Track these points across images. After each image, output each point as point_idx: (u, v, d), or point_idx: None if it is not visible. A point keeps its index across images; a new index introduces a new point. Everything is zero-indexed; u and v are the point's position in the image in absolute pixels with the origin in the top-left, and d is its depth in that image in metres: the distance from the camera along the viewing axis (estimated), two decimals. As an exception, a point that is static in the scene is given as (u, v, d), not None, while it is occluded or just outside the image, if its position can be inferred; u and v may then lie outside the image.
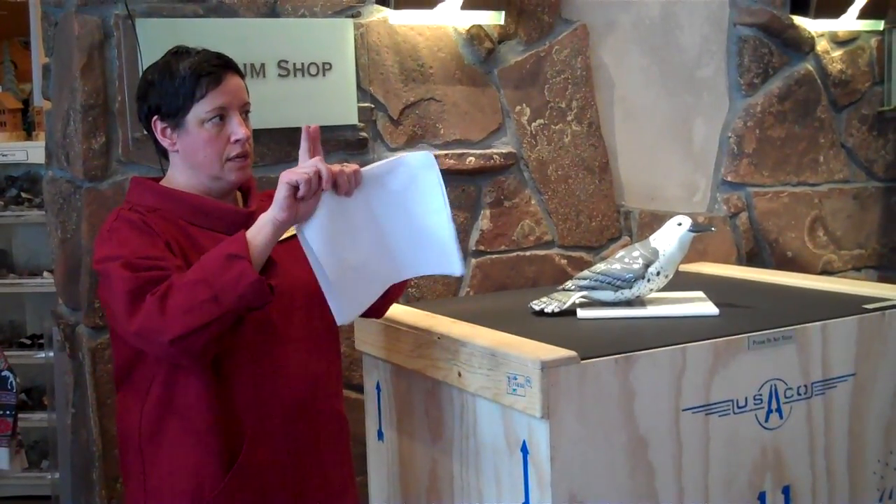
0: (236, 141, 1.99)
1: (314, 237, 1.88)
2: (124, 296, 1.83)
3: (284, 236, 2.08)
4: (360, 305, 2.02)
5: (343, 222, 1.90)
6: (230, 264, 1.80)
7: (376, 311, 2.18)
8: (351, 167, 1.90)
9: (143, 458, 2.00)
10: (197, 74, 1.95)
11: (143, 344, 1.87)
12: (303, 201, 1.84)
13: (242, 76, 2.05)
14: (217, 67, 1.97)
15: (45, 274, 4.30)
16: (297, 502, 2.06)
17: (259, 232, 1.86)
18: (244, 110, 2.03)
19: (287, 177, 1.83)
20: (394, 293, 2.15)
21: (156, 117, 2.00)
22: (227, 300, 1.79)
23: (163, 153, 2.08)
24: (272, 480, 2.01)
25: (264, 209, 2.07)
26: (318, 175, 1.85)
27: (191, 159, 2.00)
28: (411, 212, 1.97)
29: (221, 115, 1.98)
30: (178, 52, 2.01)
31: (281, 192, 1.83)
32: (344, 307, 1.94)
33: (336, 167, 1.88)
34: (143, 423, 1.98)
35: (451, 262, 1.97)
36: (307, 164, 1.86)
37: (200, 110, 1.96)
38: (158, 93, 1.98)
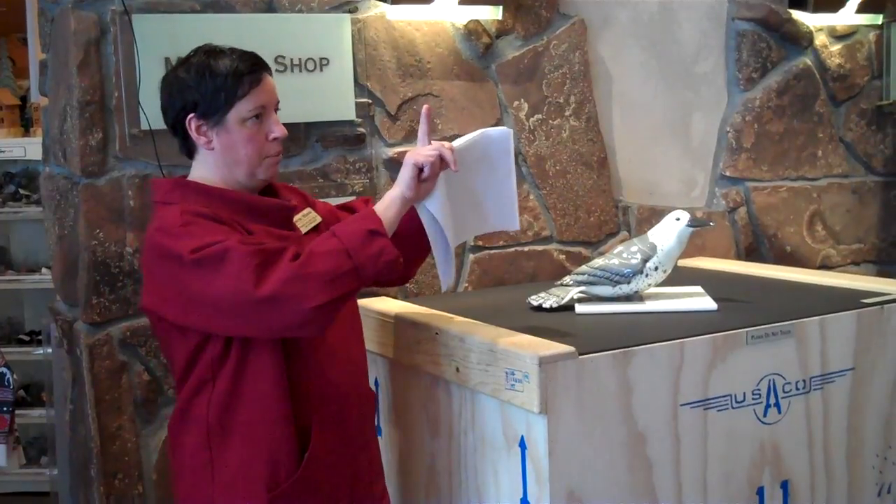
0: (274, 139, 2.04)
1: (437, 211, 2.08)
2: (251, 266, 1.84)
3: (305, 231, 2.11)
4: (453, 267, 2.21)
5: (446, 196, 2.10)
6: (371, 240, 1.92)
7: (404, 277, 2.30)
8: (449, 145, 2.08)
9: (210, 451, 2.01)
10: (239, 74, 1.98)
11: (271, 313, 1.86)
12: (425, 182, 2.04)
13: (272, 74, 2.08)
14: (256, 67, 2.02)
15: (44, 270, 4.30)
16: (353, 482, 2.11)
17: (388, 208, 2.02)
18: (277, 108, 2.08)
19: (413, 158, 2.03)
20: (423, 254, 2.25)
21: (191, 116, 2.00)
22: (366, 274, 1.92)
23: (188, 151, 2.07)
24: (335, 465, 2.06)
25: (299, 203, 2.17)
26: (441, 158, 2.03)
27: (230, 157, 2.02)
28: (484, 177, 2.21)
29: (261, 115, 2.01)
30: (212, 51, 2.02)
31: (407, 173, 2.03)
32: (451, 271, 2.16)
33: (447, 147, 2.06)
34: (211, 415, 1.99)
35: (512, 217, 2.25)
36: (430, 148, 2.06)
37: (242, 109, 1.99)
38: (197, 91, 1.98)
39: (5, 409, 2.63)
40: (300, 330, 1.91)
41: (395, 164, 2.93)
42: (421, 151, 2.04)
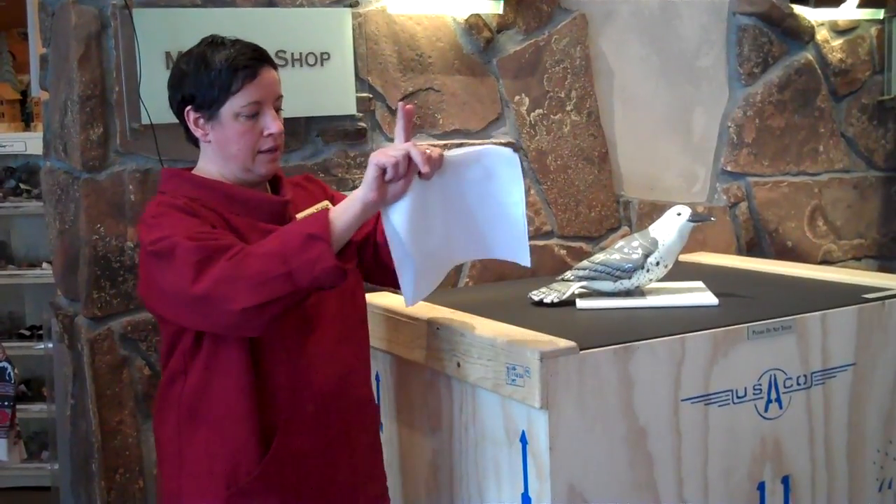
0: (269, 135, 2.00)
1: (400, 221, 1.89)
2: (192, 262, 1.82)
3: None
4: (428, 288, 2.08)
5: (422, 206, 1.91)
6: (310, 244, 1.81)
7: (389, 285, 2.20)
8: (437, 151, 1.89)
9: (180, 440, 2.02)
10: (233, 68, 1.95)
11: (204, 311, 1.85)
12: (392, 183, 1.85)
13: (276, 68, 2.05)
14: (253, 61, 1.98)
15: (44, 265, 4.30)
16: (327, 489, 2.07)
17: (345, 211, 1.87)
18: (277, 103, 2.04)
19: (376, 158, 1.84)
20: None
21: (189, 107, 2.00)
22: (300, 280, 1.81)
23: (194, 142, 2.07)
24: (304, 467, 2.03)
25: (297, 197, 2.12)
26: (408, 158, 1.84)
27: (223, 151, 2.01)
28: (487, 200, 1.99)
29: (256, 110, 1.98)
30: (214, 43, 2.00)
31: (370, 174, 1.85)
32: (416, 290, 2.00)
33: (425, 150, 1.86)
34: (182, 406, 2.00)
35: (523, 253, 2.03)
36: (399, 147, 1.86)
37: (236, 104, 1.96)
38: (193, 83, 1.97)
39: (6, 403, 2.63)
40: (231, 330, 1.89)
41: (395, 159, 2.92)
42: (387, 150, 1.86)
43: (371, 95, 2.89)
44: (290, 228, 1.89)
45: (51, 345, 3.11)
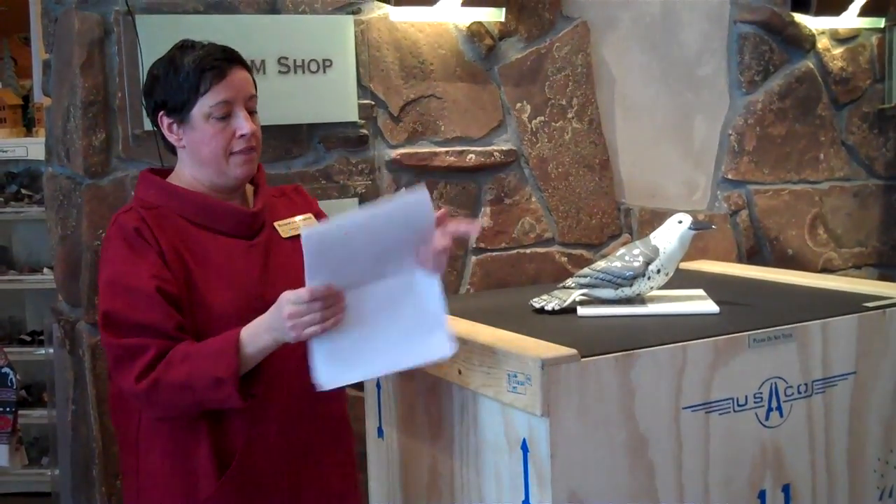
0: (241, 136, 1.97)
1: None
2: (111, 357, 1.93)
3: (290, 235, 2.08)
4: (349, 374, 1.94)
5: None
6: (217, 387, 1.83)
7: None
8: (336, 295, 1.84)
9: (138, 454, 2.00)
10: (200, 69, 1.93)
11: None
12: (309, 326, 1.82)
13: (248, 68, 2.03)
14: (221, 61, 1.95)
15: (45, 270, 4.30)
16: None
17: (255, 342, 1.85)
18: (250, 104, 2.00)
19: (288, 310, 1.80)
20: None
21: (162, 112, 1.99)
22: (209, 407, 1.90)
23: (171, 149, 2.06)
24: (267, 484, 2.00)
25: (271, 206, 2.09)
26: (319, 303, 1.80)
27: (197, 155, 1.99)
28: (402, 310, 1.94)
29: (226, 110, 1.95)
30: (184, 46, 1.99)
31: (284, 323, 1.82)
32: (324, 374, 1.89)
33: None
34: (143, 419, 1.98)
35: (440, 342, 1.96)
36: (303, 307, 1.80)
37: (205, 104, 1.94)
38: (163, 88, 1.97)
39: (8, 409, 2.62)
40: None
41: (397, 166, 2.93)
42: (295, 310, 1.80)
43: (373, 102, 2.90)
44: (200, 361, 1.84)
45: (51, 350, 3.11)
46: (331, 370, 1.88)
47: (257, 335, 1.85)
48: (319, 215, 2.20)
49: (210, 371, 1.83)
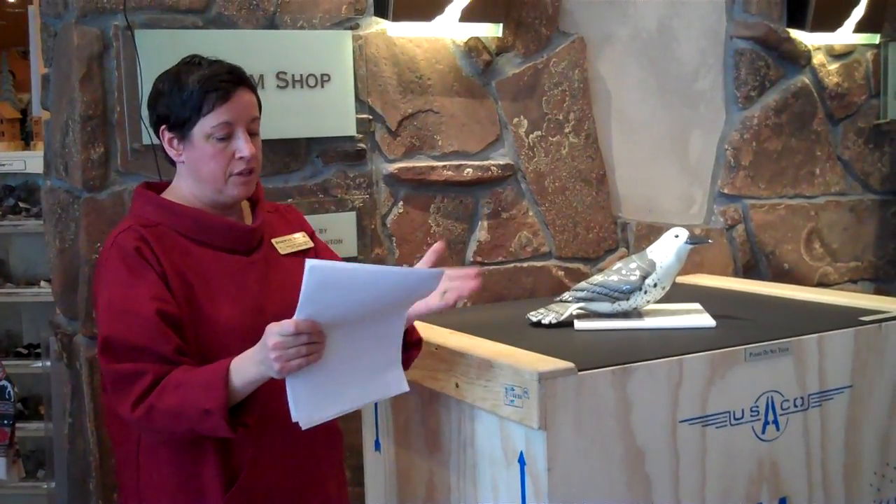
0: (240, 158, 1.97)
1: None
2: (107, 382, 1.93)
3: (288, 252, 2.08)
4: (326, 411, 1.90)
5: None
6: (206, 418, 1.81)
7: None
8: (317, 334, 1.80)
9: (139, 472, 1.99)
10: (205, 90, 1.93)
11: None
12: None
13: (254, 89, 2.03)
14: (226, 83, 1.95)
15: (42, 283, 4.30)
16: None
17: (245, 372, 1.82)
18: (252, 126, 2.00)
19: (272, 341, 1.76)
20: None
21: (163, 126, 1.99)
22: (202, 434, 1.88)
23: (171, 161, 2.06)
24: (273, 500, 2.00)
25: (269, 222, 2.09)
26: (304, 337, 1.77)
27: (196, 172, 1.99)
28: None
29: (227, 131, 1.95)
30: (191, 63, 1.99)
31: (268, 354, 1.77)
32: (310, 406, 1.86)
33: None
34: (144, 436, 1.97)
35: (396, 378, 1.99)
36: (290, 337, 1.76)
37: (206, 125, 1.94)
38: (167, 103, 1.97)
39: (6, 422, 2.62)
40: None
41: (394, 180, 2.94)
42: (280, 342, 1.75)
43: (371, 117, 2.91)
44: (190, 393, 1.82)
45: (48, 363, 3.11)
46: (308, 407, 1.85)
47: (244, 368, 1.82)
48: (313, 237, 2.21)
49: (199, 402, 1.81)
